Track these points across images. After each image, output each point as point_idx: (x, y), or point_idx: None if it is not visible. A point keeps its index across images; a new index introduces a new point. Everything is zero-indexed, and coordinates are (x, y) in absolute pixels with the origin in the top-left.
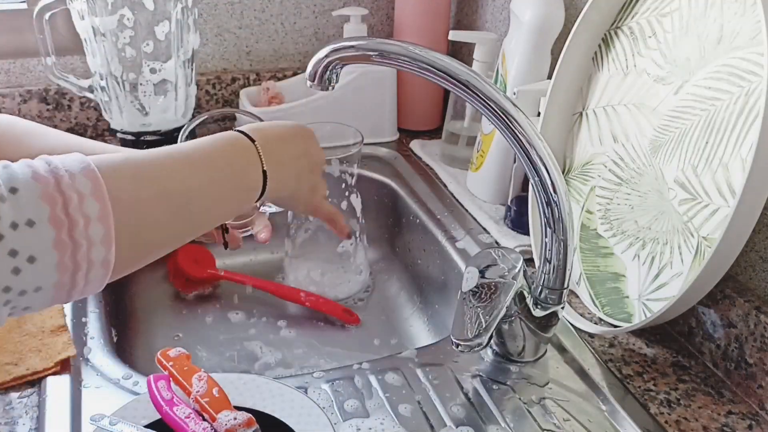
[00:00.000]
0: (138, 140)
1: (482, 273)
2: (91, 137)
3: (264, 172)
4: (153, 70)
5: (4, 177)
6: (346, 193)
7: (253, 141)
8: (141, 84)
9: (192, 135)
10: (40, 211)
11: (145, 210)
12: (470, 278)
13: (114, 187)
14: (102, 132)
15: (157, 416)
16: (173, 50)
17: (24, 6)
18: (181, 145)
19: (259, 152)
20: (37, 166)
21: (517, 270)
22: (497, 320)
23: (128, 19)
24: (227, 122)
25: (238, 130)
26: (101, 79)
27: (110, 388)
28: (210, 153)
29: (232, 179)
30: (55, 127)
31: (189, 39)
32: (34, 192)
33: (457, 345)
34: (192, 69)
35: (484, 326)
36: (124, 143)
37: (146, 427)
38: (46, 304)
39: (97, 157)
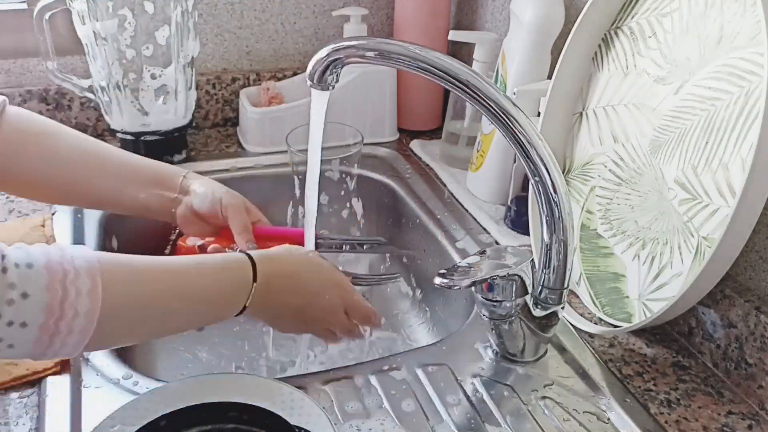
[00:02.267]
0: (138, 140)
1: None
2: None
3: (245, 307)
4: (153, 76)
5: (22, 257)
6: (346, 198)
7: (255, 278)
8: (142, 89)
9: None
10: (41, 297)
11: (128, 316)
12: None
13: (108, 292)
14: (102, 132)
15: (157, 416)
16: (173, 56)
17: (24, 6)
18: (187, 269)
19: (251, 291)
20: (51, 255)
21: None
22: (488, 277)
23: (129, 22)
24: (228, 127)
25: (252, 259)
26: (101, 80)
27: (110, 388)
28: (206, 280)
29: (216, 309)
30: None
31: (189, 44)
32: (41, 279)
33: (441, 277)
34: (192, 74)
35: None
36: (124, 143)
37: (146, 427)
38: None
39: (104, 257)
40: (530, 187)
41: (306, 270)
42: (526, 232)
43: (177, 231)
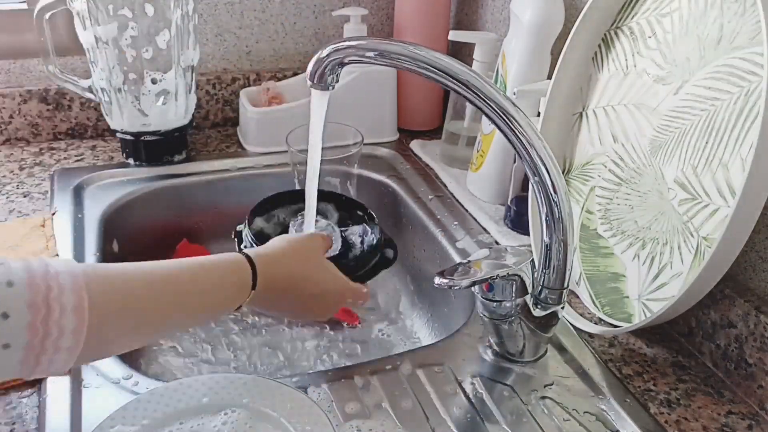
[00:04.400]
0: (138, 140)
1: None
2: (91, 137)
3: (240, 306)
4: (154, 80)
5: (2, 273)
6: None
7: (254, 286)
8: (143, 94)
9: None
10: (23, 316)
11: (117, 325)
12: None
13: (97, 306)
14: (102, 132)
15: (158, 415)
16: (173, 60)
17: (24, 6)
18: (181, 272)
19: (249, 295)
20: (34, 271)
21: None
22: (488, 277)
23: (130, 25)
24: (228, 127)
25: (252, 262)
26: (102, 83)
27: (110, 388)
28: (205, 289)
29: (213, 312)
30: (55, 127)
31: (189, 52)
32: (22, 297)
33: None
34: (193, 78)
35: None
36: (124, 143)
37: (147, 427)
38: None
39: (91, 270)
40: (530, 187)
41: (304, 275)
42: (526, 232)
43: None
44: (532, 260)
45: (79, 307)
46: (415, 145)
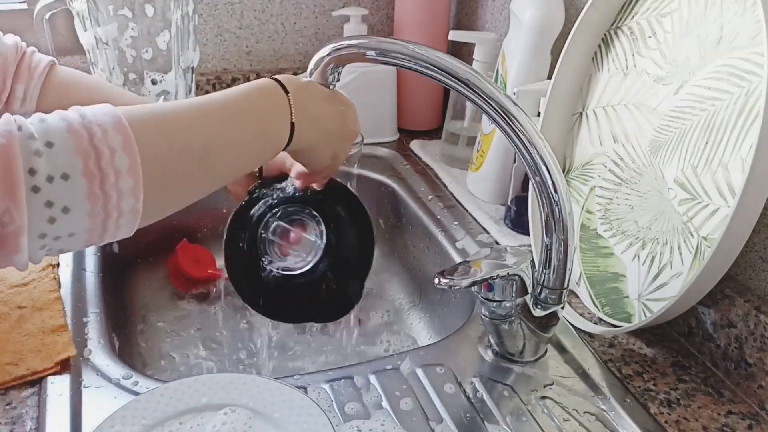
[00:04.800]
0: None
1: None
2: None
3: (292, 123)
4: (154, 81)
5: (41, 131)
6: None
7: (286, 92)
8: (143, 95)
9: None
10: (74, 165)
11: (171, 163)
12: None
13: (142, 141)
14: None
15: (158, 415)
16: (173, 61)
17: (24, 6)
18: (212, 96)
19: (290, 103)
20: (71, 120)
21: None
22: (488, 277)
23: (132, 27)
24: None
25: (274, 78)
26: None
27: (110, 388)
28: (239, 105)
29: (258, 132)
30: None
31: (189, 53)
32: (68, 146)
33: (440, 277)
34: (193, 79)
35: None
36: None
37: (147, 427)
38: (79, 246)
39: (127, 110)
40: (530, 186)
41: (328, 91)
42: (526, 232)
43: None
44: (532, 260)
45: (127, 145)
46: (415, 145)
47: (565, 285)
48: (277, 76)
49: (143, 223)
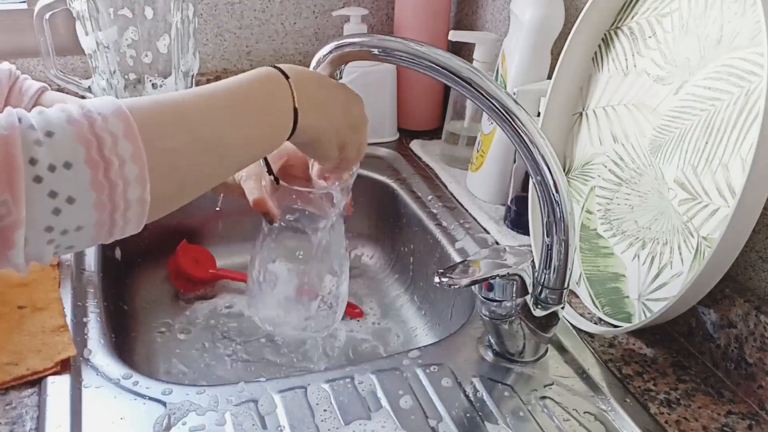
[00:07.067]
0: None
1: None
2: None
3: (295, 109)
4: (154, 85)
5: (40, 122)
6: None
7: (287, 77)
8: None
9: None
10: (76, 153)
11: (176, 151)
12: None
13: (145, 129)
14: None
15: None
16: (173, 65)
17: (24, 6)
18: (213, 86)
19: (291, 89)
20: (71, 111)
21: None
22: (488, 277)
23: (132, 30)
24: None
25: (275, 66)
26: (102, 81)
27: (110, 388)
28: (241, 92)
29: (263, 118)
30: None
31: (189, 51)
32: (69, 135)
33: (440, 276)
34: (192, 83)
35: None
36: None
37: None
38: (89, 242)
39: (129, 100)
40: (530, 186)
41: (332, 81)
42: (526, 232)
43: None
44: (533, 260)
45: (128, 131)
46: (415, 145)
47: (566, 285)
48: (278, 64)
49: (153, 215)
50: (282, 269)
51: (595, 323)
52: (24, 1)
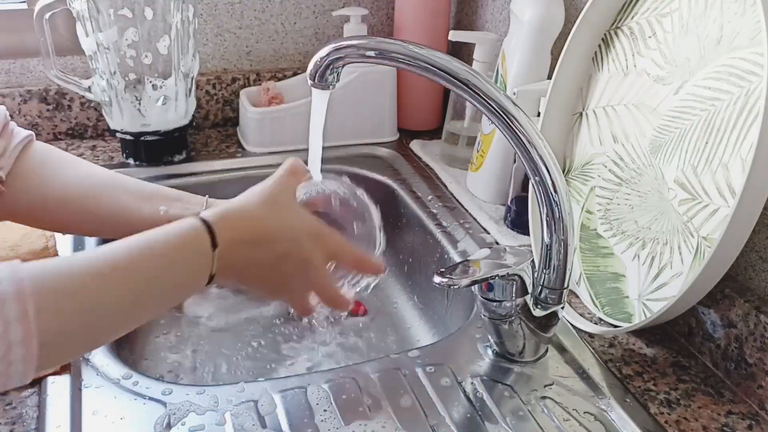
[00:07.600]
0: (138, 140)
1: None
2: (91, 137)
3: (211, 276)
4: (155, 87)
5: None
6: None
7: (214, 245)
8: (143, 98)
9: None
10: None
11: (79, 328)
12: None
13: (45, 310)
14: (102, 132)
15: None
16: (173, 66)
17: (24, 6)
18: (135, 257)
19: (213, 261)
20: None
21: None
22: (488, 276)
23: (132, 30)
24: (228, 127)
25: (207, 222)
26: (102, 81)
27: (110, 388)
28: (159, 263)
29: (176, 290)
30: (55, 127)
31: (189, 52)
32: None
33: (440, 276)
34: (192, 84)
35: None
36: (124, 143)
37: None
38: None
39: (37, 270)
40: (530, 186)
41: (272, 218)
42: (526, 232)
43: None
44: (532, 260)
45: (23, 317)
46: (415, 145)
47: (565, 285)
48: (217, 218)
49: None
50: None
51: (595, 323)
52: (24, 1)
